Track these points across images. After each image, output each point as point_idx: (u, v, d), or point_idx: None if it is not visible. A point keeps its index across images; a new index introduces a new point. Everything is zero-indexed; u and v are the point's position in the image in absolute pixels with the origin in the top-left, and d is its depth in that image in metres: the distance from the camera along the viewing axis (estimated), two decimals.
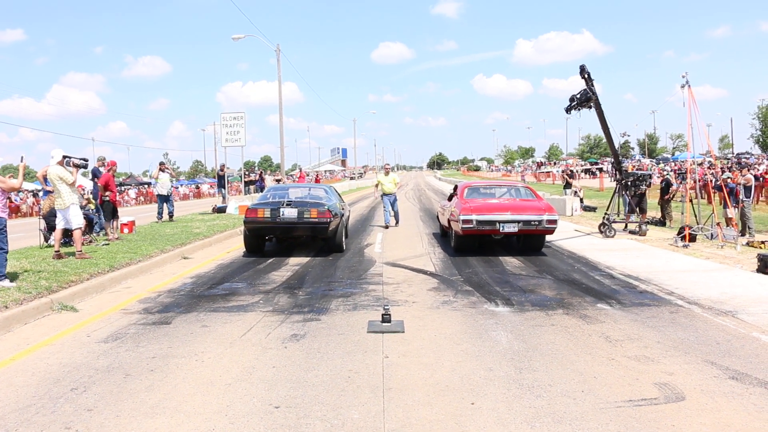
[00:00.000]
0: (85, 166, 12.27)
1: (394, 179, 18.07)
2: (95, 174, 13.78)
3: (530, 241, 12.45)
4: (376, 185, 18.59)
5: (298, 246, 13.45)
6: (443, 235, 15.02)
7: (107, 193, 13.72)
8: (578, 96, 14.34)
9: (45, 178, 10.96)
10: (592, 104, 14.24)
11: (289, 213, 11.65)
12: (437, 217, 16.57)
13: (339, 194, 14.84)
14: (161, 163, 19.40)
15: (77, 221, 10.59)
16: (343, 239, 12.93)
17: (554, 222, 11.59)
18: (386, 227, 17.63)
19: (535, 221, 11.49)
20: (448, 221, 13.00)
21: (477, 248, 12.41)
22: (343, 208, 13.64)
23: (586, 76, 14.10)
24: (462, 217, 11.46)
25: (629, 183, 15.61)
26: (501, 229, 11.42)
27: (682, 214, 15.11)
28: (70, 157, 10.92)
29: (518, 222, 11.42)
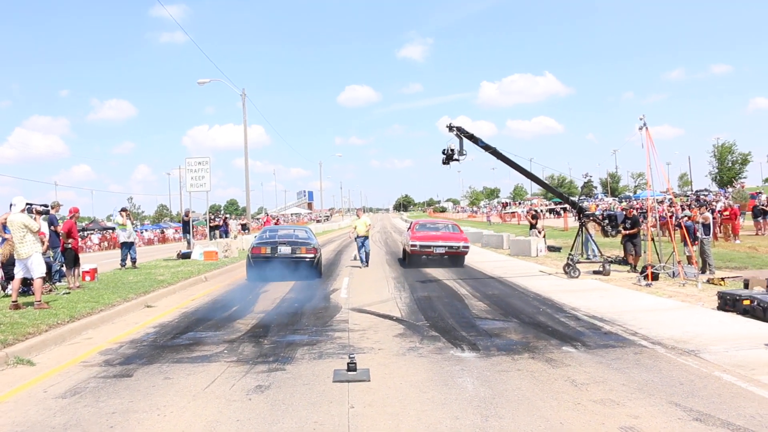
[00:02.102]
0: (47, 212, 12.08)
1: (365, 222, 19.96)
2: (51, 222, 13.49)
3: (454, 259, 19.22)
4: (354, 227, 20.29)
5: (262, 293, 13.34)
6: (403, 258, 21.23)
7: (69, 240, 13.47)
8: (444, 150, 15.05)
9: (3, 226, 10.71)
10: (457, 157, 14.82)
11: (285, 250, 15.99)
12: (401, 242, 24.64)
13: (314, 234, 18.86)
14: (124, 209, 19.15)
15: (40, 270, 10.35)
16: (321, 267, 17.19)
17: (467, 248, 19.04)
18: (360, 266, 19.55)
19: (455, 246, 18.72)
20: (404, 245, 21.11)
21: (422, 262, 19.42)
22: (319, 244, 17.70)
23: (454, 132, 14.76)
24: (410, 243, 18.97)
25: (605, 223, 16.23)
26: (434, 250, 18.58)
27: (644, 252, 15.40)
28: (31, 204, 10.73)
29: (445, 247, 18.65)
